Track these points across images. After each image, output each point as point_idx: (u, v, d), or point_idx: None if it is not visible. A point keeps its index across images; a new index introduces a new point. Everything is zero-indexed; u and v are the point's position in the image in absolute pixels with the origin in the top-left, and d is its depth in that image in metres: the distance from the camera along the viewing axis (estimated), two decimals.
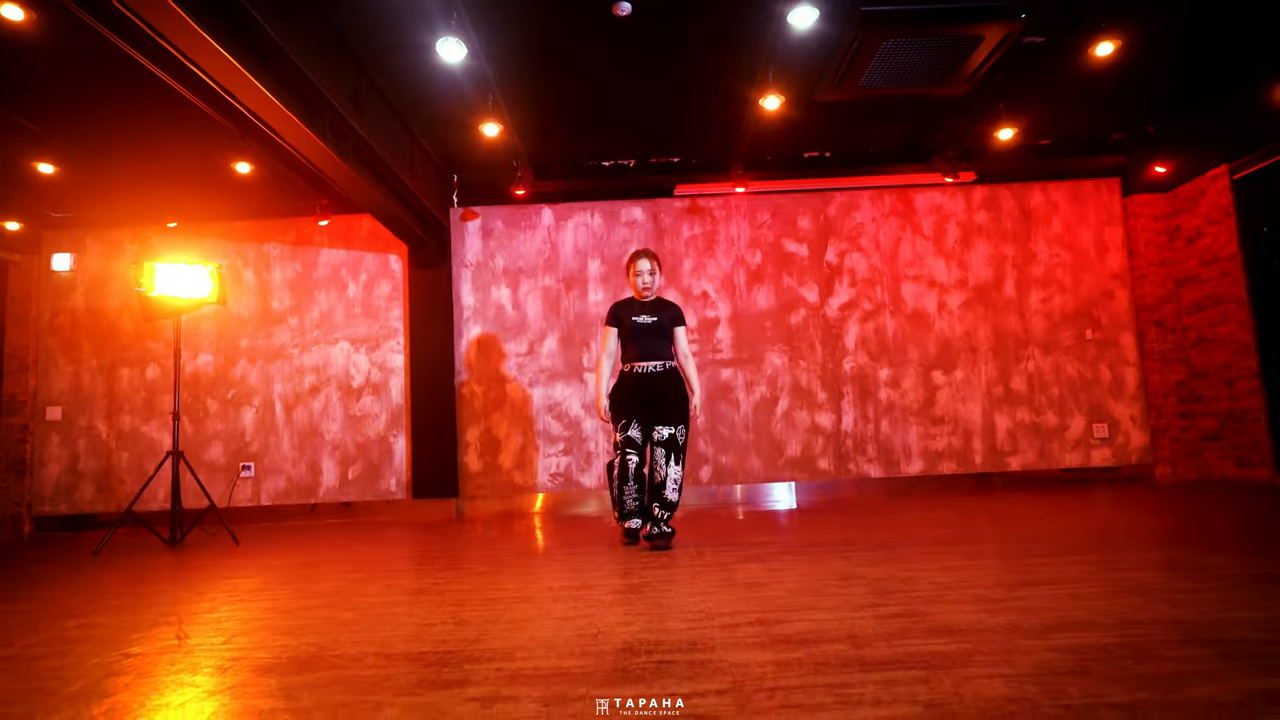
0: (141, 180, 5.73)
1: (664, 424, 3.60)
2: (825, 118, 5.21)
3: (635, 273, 3.74)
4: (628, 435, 3.63)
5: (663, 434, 3.59)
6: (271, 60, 3.64)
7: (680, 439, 3.61)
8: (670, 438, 3.59)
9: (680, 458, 3.60)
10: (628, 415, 3.64)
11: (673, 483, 3.56)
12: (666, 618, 2.21)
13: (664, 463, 3.56)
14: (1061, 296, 6.42)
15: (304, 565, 3.69)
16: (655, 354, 3.68)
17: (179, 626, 2.39)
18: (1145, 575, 2.52)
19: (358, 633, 2.21)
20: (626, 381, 3.70)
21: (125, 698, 1.69)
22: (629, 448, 3.62)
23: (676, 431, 3.60)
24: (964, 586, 2.44)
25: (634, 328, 3.68)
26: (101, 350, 6.36)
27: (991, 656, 1.67)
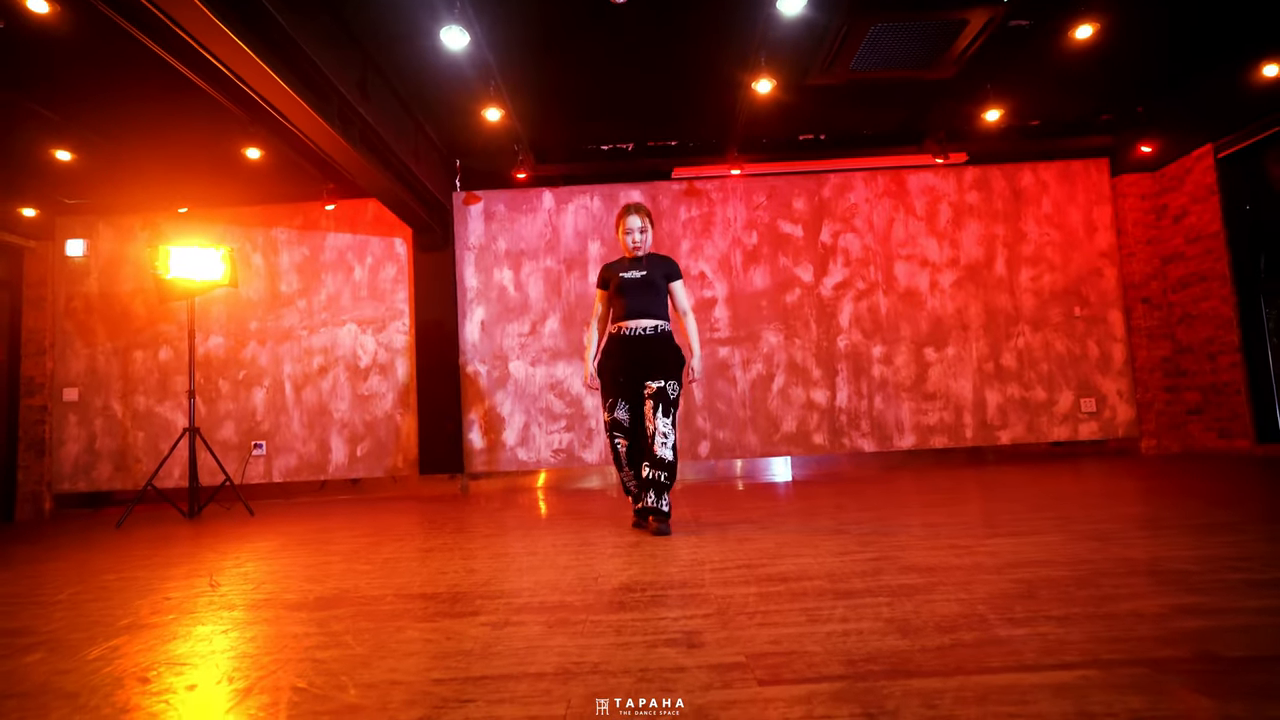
0: (153, 167, 5.89)
1: (653, 379, 3.21)
2: (818, 101, 5.35)
3: (624, 230, 3.35)
4: (614, 417, 3.28)
5: (651, 387, 3.20)
6: (282, 48, 3.79)
7: (671, 392, 3.20)
8: (660, 389, 3.19)
9: (670, 410, 3.17)
10: (614, 390, 3.28)
11: (662, 436, 3.12)
12: (661, 565, 2.40)
13: (652, 413, 3.16)
14: (1051, 275, 6.57)
15: (319, 531, 3.89)
16: (646, 311, 3.27)
17: (210, 577, 2.59)
18: (1107, 527, 2.70)
19: (376, 580, 2.40)
20: (613, 346, 3.31)
21: (174, 628, 1.88)
22: (616, 431, 3.29)
23: (667, 385, 3.20)
24: (940, 537, 2.63)
25: (621, 284, 3.30)
26: (115, 333, 6.54)
27: (952, 587, 1.85)
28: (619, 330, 3.31)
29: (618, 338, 3.31)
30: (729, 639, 1.50)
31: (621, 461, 3.32)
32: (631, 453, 3.30)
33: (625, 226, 3.38)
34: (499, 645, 1.54)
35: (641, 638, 1.54)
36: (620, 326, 3.31)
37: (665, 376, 3.23)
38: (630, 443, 3.30)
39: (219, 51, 3.48)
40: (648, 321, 3.28)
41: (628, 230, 3.37)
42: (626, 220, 3.37)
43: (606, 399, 3.33)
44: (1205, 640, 1.34)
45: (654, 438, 3.15)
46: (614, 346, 3.32)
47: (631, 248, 3.36)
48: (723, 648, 1.44)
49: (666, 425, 3.18)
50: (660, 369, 3.23)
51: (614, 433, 3.31)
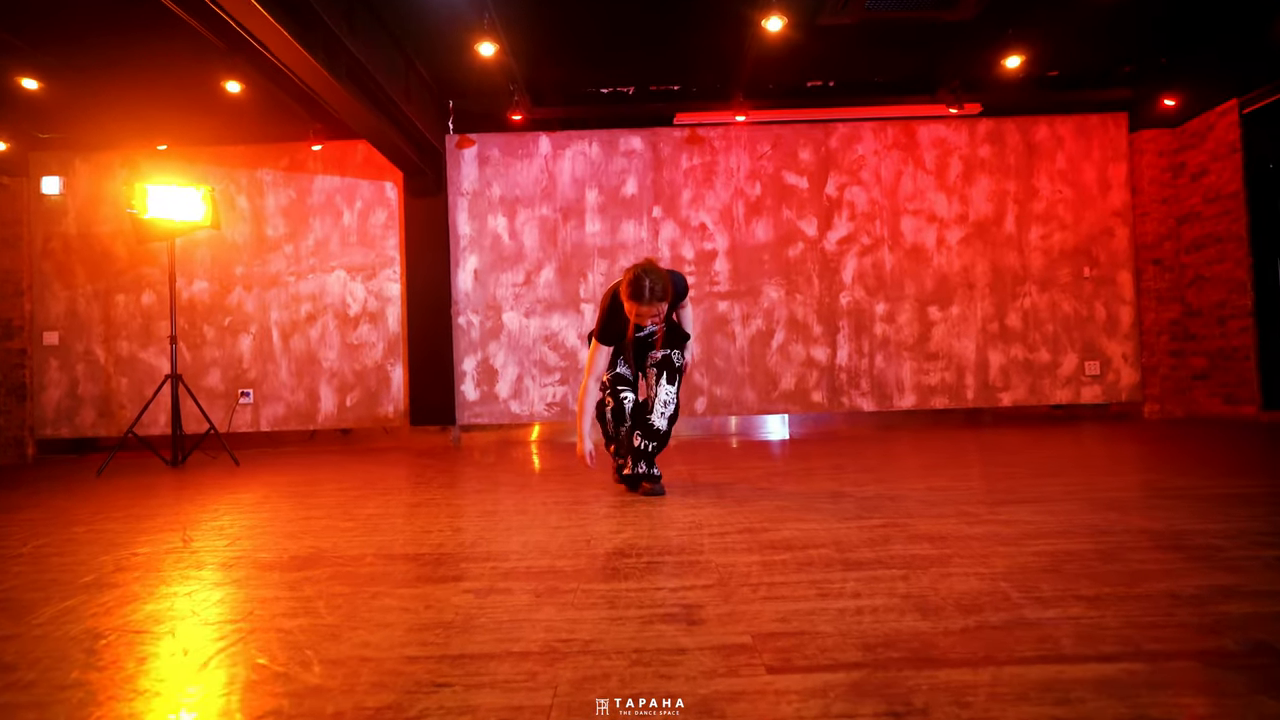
0: (130, 101, 5.60)
1: (658, 350, 2.95)
2: (829, 43, 5.07)
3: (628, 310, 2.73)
4: (617, 372, 2.93)
5: (656, 356, 2.94)
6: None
7: (677, 360, 2.94)
8: (666, 358, 2.92)
9: (675, 377, 2.90)
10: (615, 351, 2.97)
11: (663, 405, 2.85)
12: (657, 527, 2.28)
13: (655, 380, 2.90)
14: (1061, 233, 6.38)
15: (304, 483, 3.78)
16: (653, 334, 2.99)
17: (183, 531, 2.47)
18: (1122, 495, 2.59)
19: (357, 538, 2.28)
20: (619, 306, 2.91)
21: (135, 588, 1.76)
22: (620, 385, 2.90)
23: (673, 354, 2.94)
24: (949, 503, 2.52)
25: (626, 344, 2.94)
26: (96, 276, 6.33)
27: (969, 560, 1.73)
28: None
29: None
30: (732, 614, 1.38)
31: (624, 415, 2.88)
32: (635, 408, 2.90)
33: (630, 310, 2.71)
34: (482, 617, 1.42)
35: (637, 611, 1.42)
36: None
37: (675, 346, 2.95)
38: (636, 396, 2.93)
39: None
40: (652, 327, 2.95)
41: (632, 313, 2.72)
42: (638, 308, 2.67)
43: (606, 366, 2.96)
44: (1254, 628, 1.23)
45: (653, 404, 2.86)
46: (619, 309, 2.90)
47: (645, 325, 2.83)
48: (726, 625, 1.32)
49: (670, 394, 2.88)
50: (669, 342, 2.95)
51: (619, 386, 2.91)
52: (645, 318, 2.69)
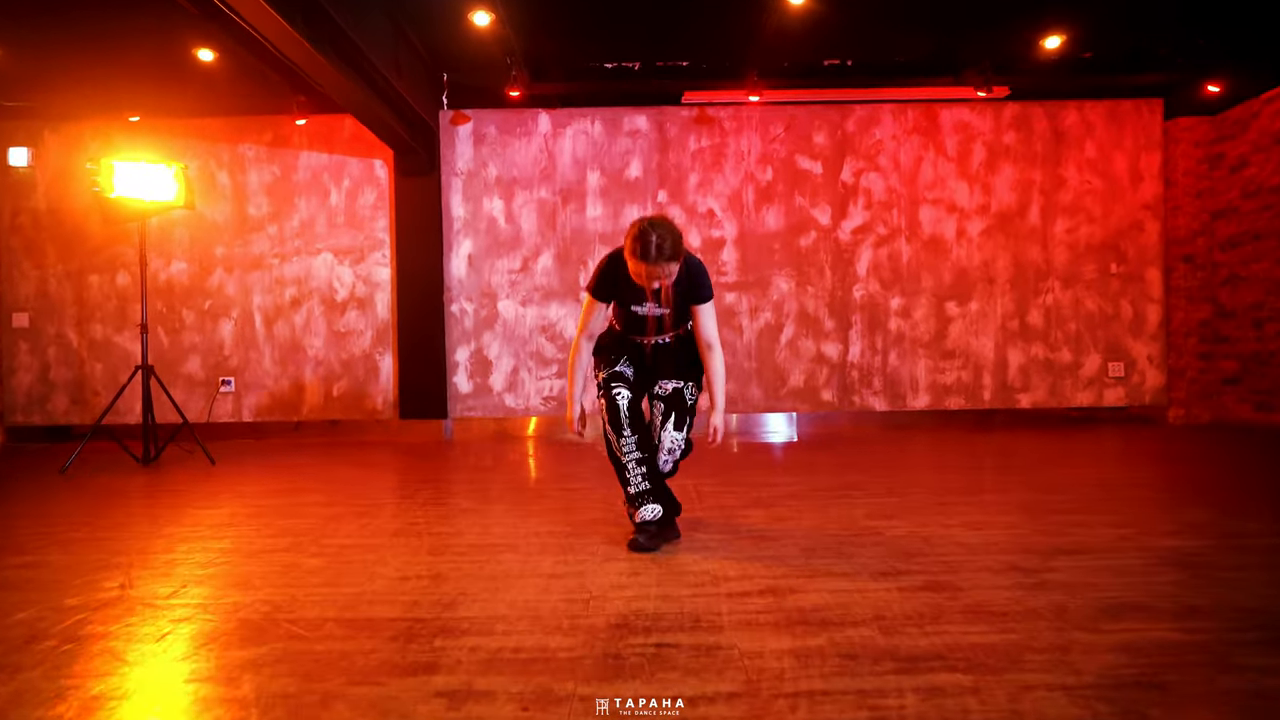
0: (100, 68, 5.20)
1: (672, 379, 2.43)
2: (852, 15, 4.68)
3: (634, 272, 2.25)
4: (614, 370, 2.41)
5: (666, 388, 2.43)
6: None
7: (691, 398, 2.43)
8: (676, 392, 2.42)
9: (685, 420, 2.41)
10: (617, 351, 2.47)
11: (668, 451, 2.41)
12: (666, 580, 1.99)
13: (660, 421, 2.43)
14: (1088, 227, 6.04)
15: (279, 493, 3.48)
16: (666, 330, 2.46)
17: (127, 572, 2.17)
18: (1182, 544, 2.30)
19: (321, 587, 1.99)
20: (621, 341, 2.50)
21: (34, 676, 1.46)
22: (615, 383, 2.38)
23: (685, 388, 2.43)
24: (995, 551, 2.23)
25: (633, 315, 2.42)
26: (68, 255, 5.98)
27: (1047, 656, 1.44)
28: (629, 338, 2.48)
29: (626, 338, 2.48)
30: None
31: (621, 421, 2.33)
32: (635, 409, 2.36)
33: (636, 269, 2.23)
34: None
35: None
36: (631, 338, 2.48)
37: (688, 379, 2.44)
38: (635, 395, 2.38)
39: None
40: (668, 335, 2.46)
41: (638, 274, 2.24)
42: (644, 266, 2.19)
43: (603, 362, 2.47)
44: None
45: (655, 451, 2.40)
46: (616, 341, 2.49)
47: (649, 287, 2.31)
48: None
49: (678, 441, 2.41)
50: (683, 369, 2.45)
51: (613, 385, 2.38)
52: (653, 279, 2.23)
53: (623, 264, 2.29)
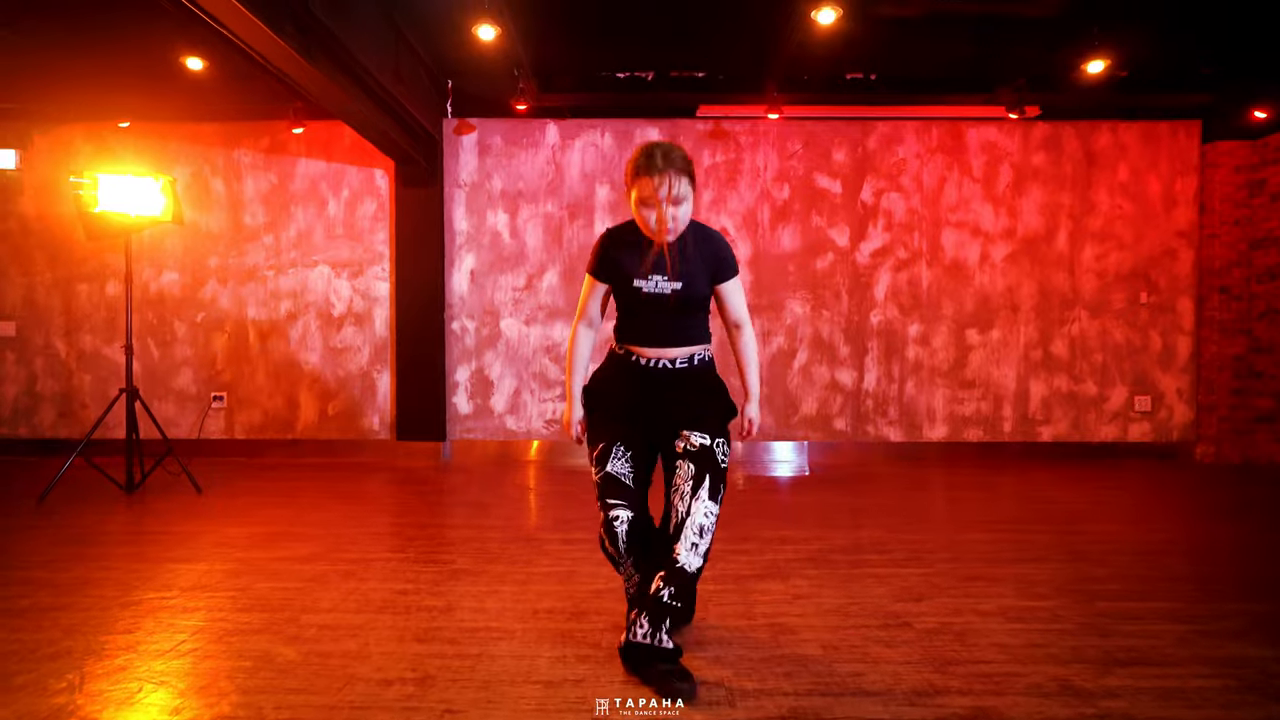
0: (87, 72, 4.99)
1: (698, 429, 1.95)
2: (881, 34, 4.44)
3: (640, 198, 1.88)
4: (608, 471, 1.96)
5: (694, 441, 1.94)
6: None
7: (722, 458, 1.95)
8: (705, 450, 1.93)
9: (720, 487, 1.91)
10: (611, 430, 2.01)
11: (696, 532, 1.86)
12: None
13: (689, 489, 1.89)
14: (1119, 254, 5.79)
15: (261, 540, 3.27)
16: (676, 338, 1.99)
17: (80, 666, 1.96)
18: (1256, 653, 2.07)
19: (292, 694, 1.78)
20: (618, 369, 2.04)
21: None
22: (611, 498, 1.94)
23: (715, 445, 1.94)
24: (1041, 659, 2.00)
25: (635, 297, 1.96)
26: (56, 263, 5.78)
27: None
28: (630, 354, 2.01)
29: (626, 362, 2.02)
30: None
31: (620, 547, 1.94)
32: (635, 530, 1.94)
33: (641, 193, 1.86)
34: None
35: None
36: (633, 351, 2.01)
37: (717, 431, 1.97)
38: (636, 514, 1.95)
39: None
40: (677, 351, 1.99)
41: (644, 200, 1.87)
42: (653, 180, 1.83)
43: (596, 442, 2.01)
44: None
45: (683, 528, 1.86)
46: (619, 371, 2.04)
47: (655, 231, 1.89)
48: None
49: (709, 514, 1.88)
50: (711, 414, 1.99)
51: (608, 499, 1.94)
52: (663, 197, 1.83)
53: (622, 231, 2.00)
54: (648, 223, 1.89)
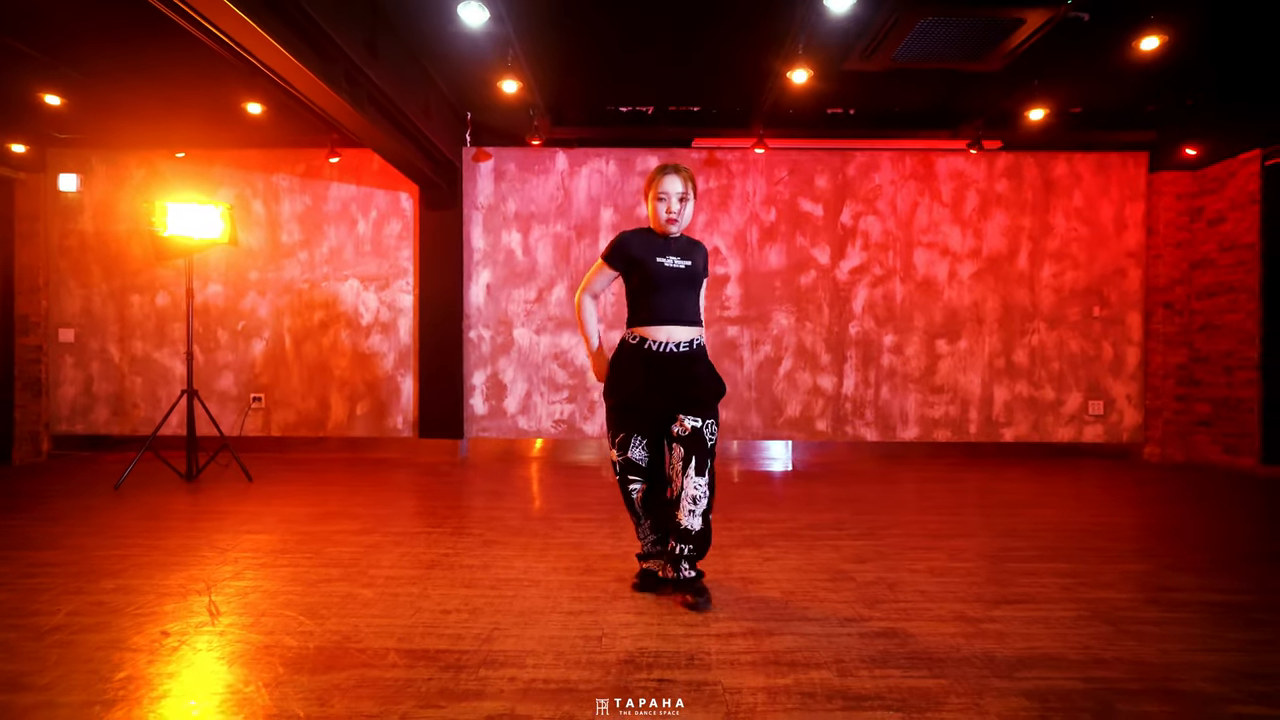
0: (148, 108, 5.60)
1: (691, 412, 2.49)
2: (852, 83, 5.06)
3: (657, 195, 2.53)
4: (628, 458, 2.56)
5: (686, 425, 2.48)
6: (282, 9, 3.52)
7: (710, 436, 2.50)
8: (696, 432, 2.47)
9: (706, 463, 2.48)
10: (630, 423, 2.55)
11: (690, 501, 2.45)
12: (665, 619, 2.37)
13: (681, 468, 2.46)
14: (1074, 272, 6.40)
15: (318, 518, 3.86)
16: (683, 317, 2.54)
17: (210, 599, 2.55)
18: (1115, 596, 2.66)
19: (377, 619, 2.37)
20: (633, 361, 2.54)
21: (169, 685, 1.84)
22: (631, 474, 2.57)
23: (704, 426, 2.49)
24: (947, 599, 2.59)
25: (656, 273, 2.51)
26: (111, 275, 6.38)
27: (964, 698, 1.81)
28: (643, 341, 2.51)
29: (641, 351, 2.52)
30: None
31: (637, 510, 2.62)
32: (651, 497, 2.61)
33: (659, 190, 2.52)
34: None
35: None
36: (645, 336, 2.52)
37: (704, 411, 2.51)
38: (650, 485, 2.60)
39: (214, 17, 3.22)
40: (684, 332, 2.54)
41: (661, 195, 2.52)
42: (663, 182, 2.51)
43: (617, 432, 2.58)
44: None
45: (680, 501, 2.46)
46: (634, 362, 2.53)
47: (665, 220, 2.52)
48: None
49: (701, 487, 2.46)
50: (698, 399, 2.52)
51: (628, 476, 2.59)
52: (670, 196, 2.51)
53: (636, 232, 2.60)
54: (660, 214, 2.54)
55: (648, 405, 2.53)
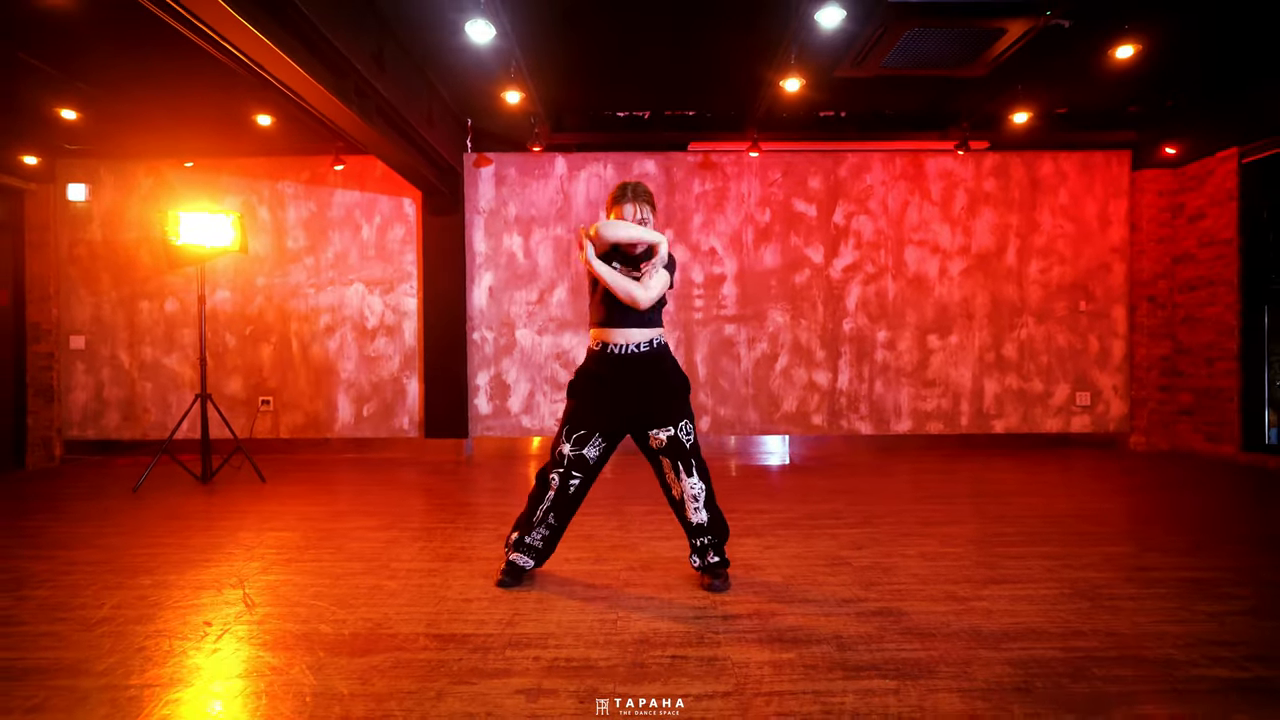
0: (157, 119, 5.73)
1: (658, 425, 2.60)
2: (843, 88, 5.22)
3: (617, 219, 2.65)
4: (580, 454, 2.63)
5: (660, 438, 2.60)
6: (295, 25, 3.65)
7: (686, 439, 2.61)
8: (672, 440, 2.60)
9: (696, 464, 2.63)
10: (590, 419, 2.63)
11: (692, 500, 2.62)
12: (676, 603, 2.53)
13: (674, 476, 2.63)
14: (1060, 267, 6.58)
15: (336, 516, 4.01)
16: (635, 319, 2.60)
17: (244, 592, 2.70)
18: (1096, 576, 2.83)
19: (405, 607, 2.52)
20: (595, 365, 2.66)
21: (215, 684, 2.00)
22: (576, 470, 2.65)
23: (679, 430, 2.60)
24: (939, 581, 2.76)
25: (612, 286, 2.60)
26: (120, 282, 6.51)
27: (953, 668, 1.98)
28: (600, 346, 2.64)
29: (598, 355, 2.65)
30: None
31: (563, 503, 2.69)
32: (579, 494, 2.71)
33: (618, 215, 2.65)
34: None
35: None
36: (602, 339, 2.64)
37: (673, 417, 2.61)
38: (585, 482, 2.69)
39: (230, 35, 3.36)
40: (638, 334, 2.61)
41: (620, 219, 2.64)
42: (621, 208, 2.63)
43: (575, 428, 2.63)
44: None
45: (684, 502, 2.64)
46: (596, 366, 2.66)
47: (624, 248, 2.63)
48: None
49: (698, 486, 2.63)
50: (664, 407, 2.62)
51: (573, 471, 2.64)
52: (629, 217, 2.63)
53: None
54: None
55: (611, 410, 2.63)
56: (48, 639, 2.26)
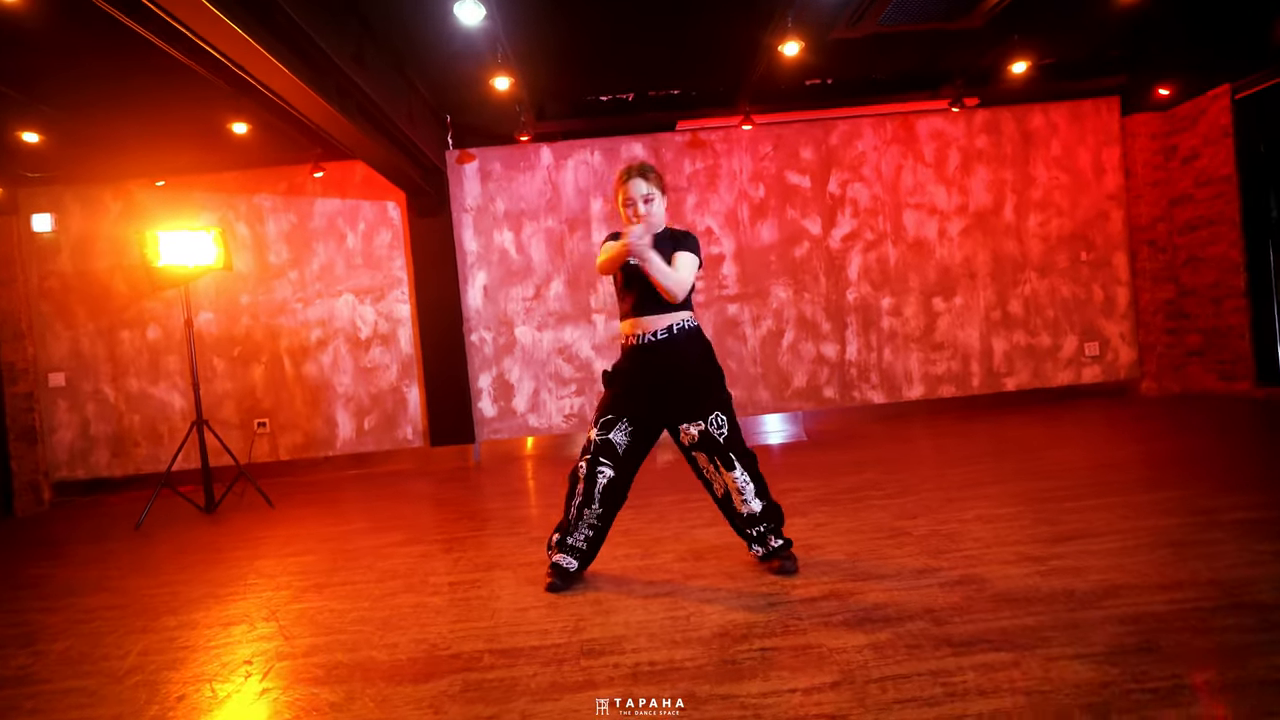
0: (125, 138, 5.46)
1: (688, 418, 2.51)
2: (837, 53, 5.08)
3: (624, 199, 2.55)
4: (608, 438, 2.53)
5: (691, 433, 2.51)
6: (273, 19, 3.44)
7: (719, 433, 2.49)
8: (704, 435, 2.49)
9: (738, 455, 2.51)
10: (622, 406, 2.55)
11: (738, 493, 2.52)
12: (744, 592, 2.39)
13: (713, 470, 2.52)
14: (1058, 219, 6.52)
15: (357, 534, 3.83)
16: (660, 305, 2.51)
17: (280, 624, 2.52)
18: (1162, 523, 2.74)
19: (457, 624, 2.36)
20: (627, 360, 2.59)
21: (281, 697, 1.83)
22: (603, 457, 2.53)
23: (709, 424, 2.49)
24: (1007, 542, 2.65)
25: (626, 272, 2.54)
26: (97, 313, 6.22)
27: (1067, 634, 1.86)
28: (628, 338, 2.57)
29: (628, 348, 2.58)
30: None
31: (594, 494, 2.55)
32: (611, 488, 2.56)
33: (625, 195, 2.54)
34: None
35: None
36: (629, 332, 2.57)
37: (706, 409, 2.50)
38: (617, 475, 2.55)
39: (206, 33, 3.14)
40: (663, 319, 2.51)
41: (628, 200, 2.53)
42: (627, 186, 2.53)
43: (603, 414, 2.56)
44: None
45: (731, 496, 2.54)
46: (628, 360, 2.58)
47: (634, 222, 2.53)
48: None
49: (740, 478, 2.51)
50: (694, 397, 2.51)
51: (600, 458, 2.52)
52: (636, 200, 2.52)
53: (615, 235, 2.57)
54: (628, 216, 2.56)
55: (643, 401, 2.55)
56: (75, 695, 2.08)
